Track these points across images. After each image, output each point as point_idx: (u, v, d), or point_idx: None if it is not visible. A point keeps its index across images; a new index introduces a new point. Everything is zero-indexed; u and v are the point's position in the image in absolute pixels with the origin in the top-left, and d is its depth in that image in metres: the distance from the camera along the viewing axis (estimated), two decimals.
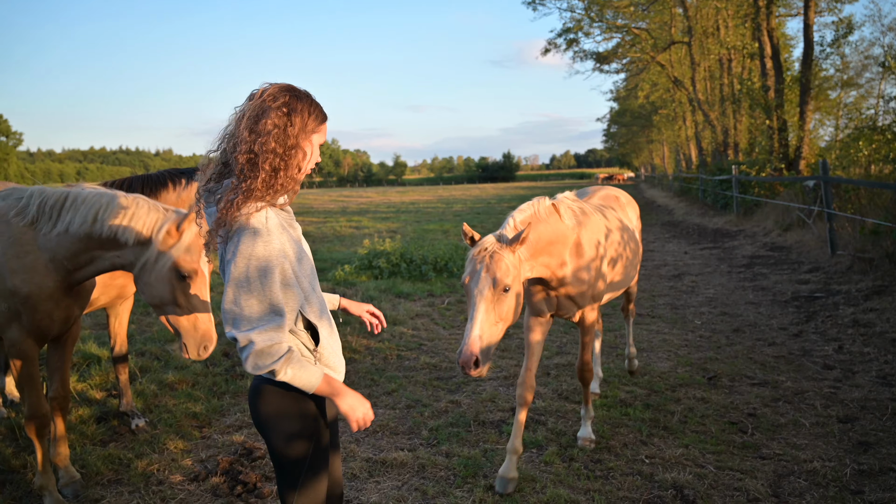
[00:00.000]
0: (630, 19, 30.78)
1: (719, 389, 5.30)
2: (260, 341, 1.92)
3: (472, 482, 3.82)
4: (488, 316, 3.03)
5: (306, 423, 2.14)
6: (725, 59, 26.76)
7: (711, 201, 23.00)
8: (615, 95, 49.09)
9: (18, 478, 3.92)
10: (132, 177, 4.56)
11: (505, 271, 3.07)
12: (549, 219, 3.53)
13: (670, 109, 39.30)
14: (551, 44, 30.68)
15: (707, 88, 30.94)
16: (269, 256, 1.97)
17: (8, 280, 3.24)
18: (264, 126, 2.01)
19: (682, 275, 10.86)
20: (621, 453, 4.18)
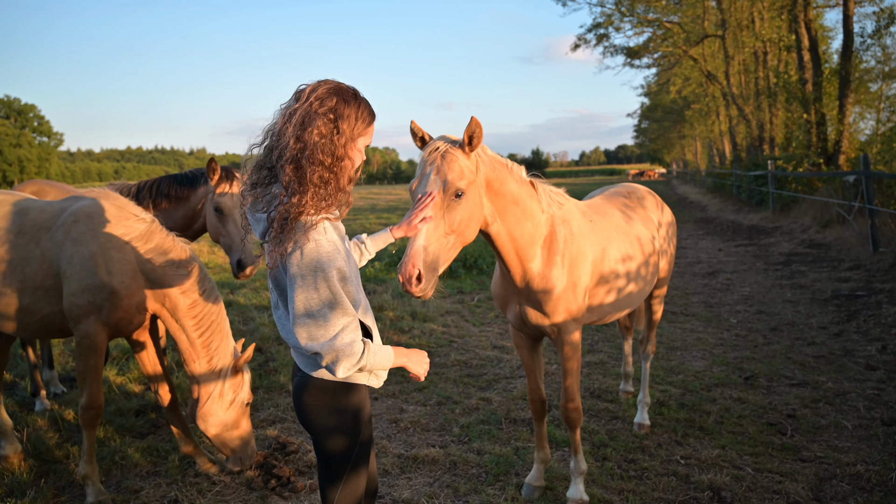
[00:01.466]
0: (661, 13, 30.22)
1: (756, 390, 5.18)
2: (343, 348, 1.95)
3: (504, 480, 3.81)
4: (436, 224, 2.56)
5: (350, 418, 2.16)
6: (761, 51, 26.10)
7: (746, 197, 22.51)
8: (646, 90, 48.32)
9: (61, 468, 4.04)
10: (162, 177, 4.67)
11: (458, 173, 2.62)
12: (520, 180, 3.07)
13: (703, 104, 38.54)
14: (581, 39, 30.34)
15: (741, 82, 30.23)
16: (333, 265, 1.95)
17: (101, 277, 3.43)
18: (311, 135, 1.96)
19: (716, 272, 10.65)
20: (655, 453, 4.12)
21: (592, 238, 3.44)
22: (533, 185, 3.20)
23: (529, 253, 3.15)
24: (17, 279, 3.53)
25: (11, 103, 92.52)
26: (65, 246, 3.50)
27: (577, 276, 3.28)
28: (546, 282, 3.19)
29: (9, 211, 3.73)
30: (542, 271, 3.19)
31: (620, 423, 4.63)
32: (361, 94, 2.10)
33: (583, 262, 3.32)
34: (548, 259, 3.20)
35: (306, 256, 1.92)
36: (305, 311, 1.93)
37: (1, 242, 3.59)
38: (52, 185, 5.27)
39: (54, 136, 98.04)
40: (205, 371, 3.66)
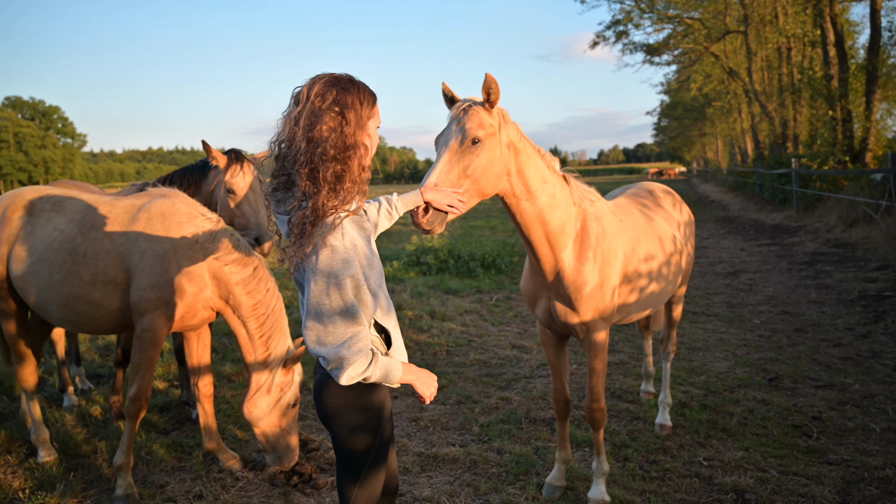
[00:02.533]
0: (682, 9, 29.86)
1: (781, 391, 5.11)
2: (349, 356, 1.94)
3: (525, 480, 3.80)
4: (450, 167, 2.64)
5: (370, 416, 2.16)
6: (784, 47, 25.69)
7: (769, 196, 22.19)
8: (666, 88, 47.78)
9: (89, 462, 4.12)
10: (174, 171, 4.76)
11: (477, 123, 2.71)
12: (550, 165, 3.11)
13: (725, 101, 38.02)
14: (600, 36, 30.10)
15: (764, 79, 29.79)
16: (347, 273, 1.95)
17: (171, 274, 3.54)
18: (320, 132, 1.95)
19: (738, 272, 10.52)
20: (678, 455, 4.08)
21: (623, 237, 3.44)
22: (566, 178, 3.24)
23: (561, 241, 3.15)
24: (89, 273, 3.61)
25: (36, 105, 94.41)
26: (138, 242, 3.59)
27: (608, 275, 3.28)
28: (577, 277, 3.19)
29: (80, 206, 3.83)
30: (574, 265, 3.19)
31: (641, 423, 4.60)
32: (357, 79, 2.09)
33: (613, 261, 3.32)
34: (580, 254, 3.20)
35: (321, 262, 1.92)
36: (316, 315, 1.93)
37: (73, 236, 3.68)
38: (77, 186, 5.38)
39: (78, 138, 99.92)
40: (259, 365, 3.72)
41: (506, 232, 16.34)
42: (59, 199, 3.90)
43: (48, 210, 3.84)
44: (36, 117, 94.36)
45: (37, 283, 3.70)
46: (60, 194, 3.96)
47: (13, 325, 4.06)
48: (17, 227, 3.83)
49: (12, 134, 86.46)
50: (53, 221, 3.78)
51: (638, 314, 3.75)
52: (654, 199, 4.23)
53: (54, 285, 3.66)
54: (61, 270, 3.64)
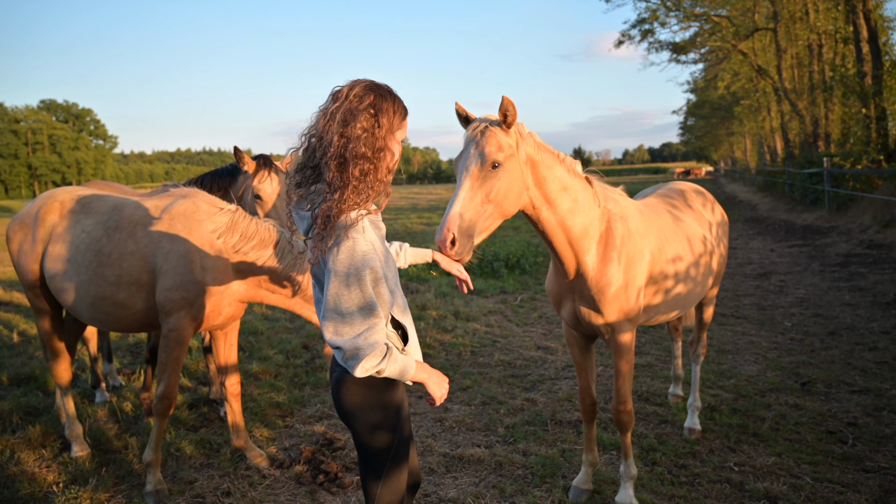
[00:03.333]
0: (709, 7, 29.38)
1: (814, 396, 4.99)
2: (365, 348, 1.96)
3: (551, 482, 3.77)
4: (472, 193, 2.65)
5: (389, 413, 2.18)
6: (815, 44, 25.13)
7: (800, 196, 21.72)
8: (693, 86, 47.05)
9: (120, 457, 4.19)
10: (204, 174, 4.82)
11: (496, 146, 2.71)
12: (571, 170, 3.08)
13: (753, 100, 37.33)
14: (625, 35, 29.74)
15: (794, 76, 29.18)
16: (367, 266, 1.99)
17: (195, 273, 3.59)
18: (353, 130, 2.02)
19: (768, 273, 10.31)
20: (707, 459, 4.01)
21: (649, 237, 3.39)
22: (588, 180, 3.19)
23: (584, 245, 3.12)
24: (114, 274, 3.68)
25: (70, 108, 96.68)
26: (162, 243, 3.64)
27: (633, 276, 3.23)
28: (601, 278, 3.16)
29: (106, 207, 3.91)
30: (598, 267, 3.16)
31: (670, 427, 4.53)
32: (395, 91, 2.18)
33: (640, 262, 3.27)
34: (604, 255, 3.16)
35: (343, 254, 1.96)
36: (335, 306, 1.97)
37: (99, 238, 3.76)
38: (110, 186, 5.48)
39: (109, 140, 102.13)
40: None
41: (530, 232, 16.26)
42: (87, 201, 3.97)
43: (77, 211, 3.92)
44: (69, 120, 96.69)
45: (67, 283, 3.77)
46: (90, 196, 4.03)
47: (48, 322, 4.15)
48: (50, 228, 3.92)
49: (47, 136, 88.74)
50: (82, 223, 3.86)
51: (666, 315, 3.70)
52: (684, 199, 4.16)
53: (82, 286, 3.73)
54: (88, 271, 3.71)
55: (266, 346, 6.73)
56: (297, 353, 6.50)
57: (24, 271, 4.00)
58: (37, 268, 3.96)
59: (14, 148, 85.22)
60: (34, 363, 6.10)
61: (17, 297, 9.54)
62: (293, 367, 6.01)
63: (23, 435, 4.47)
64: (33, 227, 3.96)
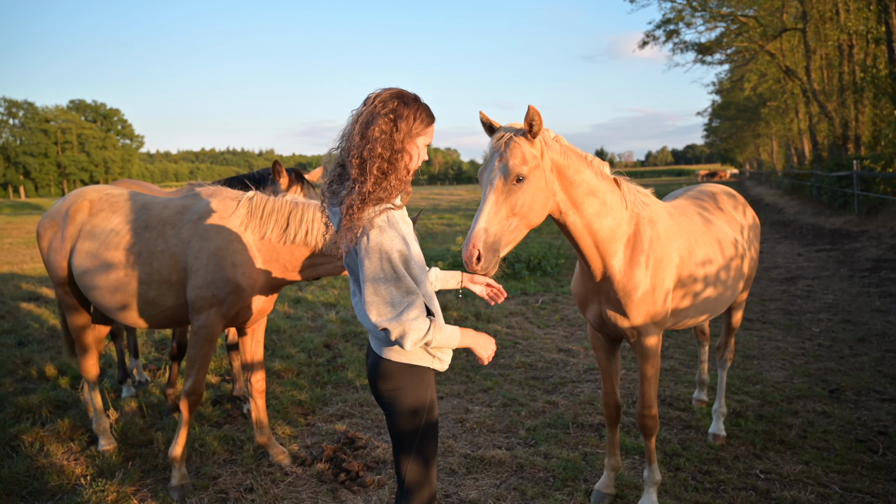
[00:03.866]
0: (736, 7, 28.94)
1: (843, 403, 4.88)
2: (409, 322, 2.13)
3: (573, 486, 3.74)
4: (497, 208, 2.65)
5: (421, 397, 2.32)
6: (845, 44, 24.61)
7: (828, 199, 21.29)
8: (718, 88, 46.42)
9: (146, 452, 4.26)
10: (232, 177, 4.86)
11: (520, 159, 2.70)
12: (599, 172, 3.04)
13: (780, 101, 36.68)
14: (649, 36, 29.45)
15: (823, 77, 28.60)
16: (395, 249, 2.14)
17: (226, 271, 3.63)
18: (372, 132, 2.19)
19: (795, 278, 10.12)
20: (732, 466, 3.95)
21: (679, 240, 3.36)
22: (616, 182, 3.15)
23: (611, 248, 3.10)
24: (144, 272, 3.75)
25: (98, 108, 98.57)
26: (192, 242, 3.69)
27: (661, 279, 3.20)
28: (627, 282, 3.13)
29: (134, 206, 3.98)
30: (625, 270, 3.13)
31: (694, 432, 4.47)
32: (422, 100, 2.32)
33: (668, 265, 3.24)
34: (631, 258, 3.14)
35: (372, 240, 2.13)
36: (374, 290, 2.13)
37: (128, 237, 3.83)
38: (138, 184, 5.58)
39: (136, 139, 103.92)
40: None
41: (551, 234, 16.17)
42: (115, 199, 4.05)
43: (106, 210, 3.99)
44: (98, 119, 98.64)
45: (95, 280, 3.84)
46: (118, 194, 4.10)
47: (77, 318, 4.24)
48: (79, 226, 3.99)
49: (76, 135, 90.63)
50: (110, 221, 3.92)
51: (694, 319, 3.65)
52: (714, 202, 4.12)
53: (111, 283, 3.79)
54: (117, 269, 3.78)
55: (288, 344, 6.79)
56: (318, 351, 6.54)
57: (54, 268, 4.09)
58: (66, 264, 4.05)
59: (44, 147, 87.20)
60: (63, 358, 6.23)
61: (46, 293, 9.75)
62: (315, 366, 6.05)
63: (52, 428, 4.56)
64: (63, 225, 4.04)
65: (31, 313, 8.42)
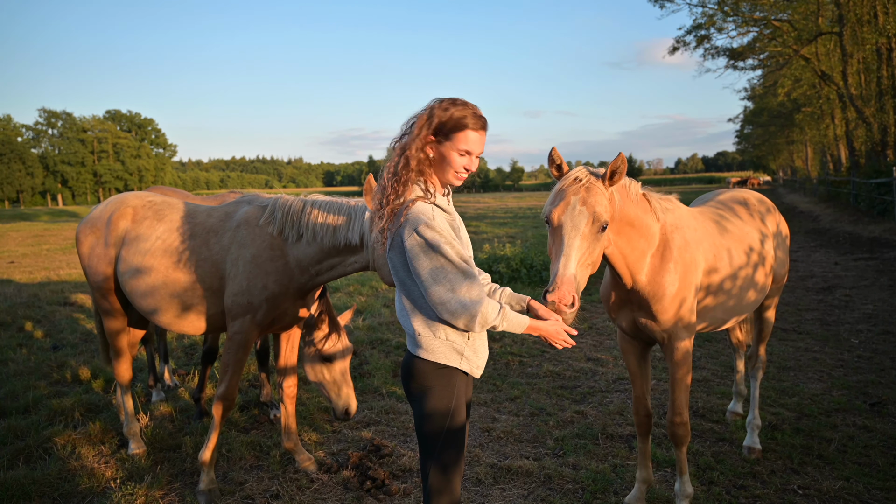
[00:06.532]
0: (770, 11, 28.41)
1: (885, 418, 4.70)
2: (475, 305, 2.16)
3: (602, 498, 3.66)
4: (582, 254, 2.58)
5: (450, 398, 2.33)
6: (884, 48, 23.95)
7: (866, 207, 20.71)
8: (750, 94, 45.62)
9: (174, 456, 4.29)
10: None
11: (604, 207, 2.66)
12: (637, 200, 3.05)
13: (815, 107, 35.86)
14: (680, 42, 29.13)
15: (861, 82, 27.87)
16: (443, 240, 2.18)
17: (260, 279, 3.65)
18: (409, 131, 2.33)
19: (832, 287, 9.83)
20: (768, 481, 3.82)
21: (705, 244, 3.38)
22: (647, 197, 3.17)
23: (640, 265, 3.13)
24: (189, 280, 3.81)
25: (133, 118, 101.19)
26: (231, 249, 3.73)
27: (689, 283, 3.23)
28: (657, 289, 3.15)
29: (181, 215, 4.03)
30: (654, 278, 3.15)
31: (728, 445, 4.34)
32: (462, 102, 2.33)
33: (695, 269, 3.26)
34: (660, 266, 3.15)
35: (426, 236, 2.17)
36: (434, 281, 2.16)
37: (176, 245, 3.88)
38: (174, 192, 5.65)
39: (169, 148, 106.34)
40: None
41: None
42: (159, 208, 4.11)
43: (150, 217, 4.05)
44: (132, 129, 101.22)
45: (142, 286, 3.90)
46: (161, 202, 4.17)
47: (115, 322, 4.30)
48: (122, 233, 4.06)
49: (111, 145, 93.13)
50: (155, 229, 3.98)
51: (723, 323, 3.67)
52: (744, 206, 4.12)
53: (156, 289, 3.85)
54: (162, 276, 3.84)
55: None
56: None
57: (94, 272, 4.16)
58: (109, 270, 4.11)
59: (81, 156, 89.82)
60: (96, 361, 6.35)
61: (81, 298, 9.98)
62: None
63: (83, 431, 4.64)
64: (105, 231, 4.11)
65: (67, 318, 8.62)
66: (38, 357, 6.57)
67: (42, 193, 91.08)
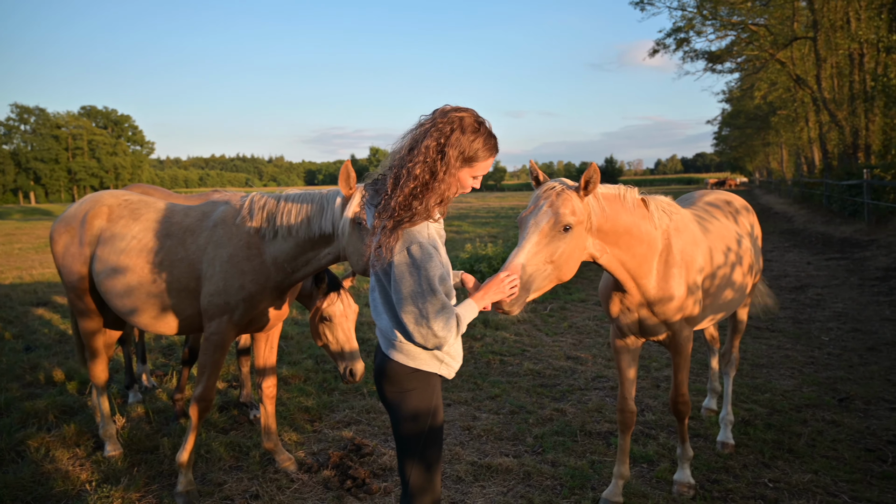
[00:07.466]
0: (747, 15, 28.87)
1: (852, 413, 4.83)
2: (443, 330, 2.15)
3: (580, 494, 3.72)
4: (538, 249, 2.69)
5: (427, 400, 2.33)
6: (856, 53, 24.48)
7: (838, 208, 21.16)
8: (728, 96, 46.36)
9: (152, 458, 4.26)
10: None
11: (570, 210, 2.76)
12: (633, 209, 3.12)
13: (790, 110, 36.53)
14: (660, 44, 29.46)
15: (834, 86, 28.45)
16: (435, 268, 2.16)
17: (237, 278, 3.61)
18: (418, 152, 2.19)
19: (804, 287, 10.05)
20: (741, 475, 3.91)
21: (703, 245, 3.52)
22: (645, 202, 3.24)
23: (643, 270, 3.21)
24: (165, 280, 3.76)
25: (109, 114, 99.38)
26: (207, 249, 3.70)
27: (693, 282, 3.37)
28: (663, 294, 3.29)
29: (157, 214, 3.98)
30: (659, 284, 3.26)
31: (702, 441, 4.43)
32: (485, 129, 2.25)
33: (696, 269, 3.40)
34: (665, 273, 3.27)
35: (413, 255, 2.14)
36: (410, 298, 2.14)
37: (151, 244, 3.84)
38: (154, 189, 5.58)
39: (146, 145, 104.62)
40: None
41: None
42: (136, 206, 4.05)
43: (126, 217, 4.00)
44: (109, 126, 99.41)
45: (117, 286, 3.85)
46: (137, 201, 4.12)
47: (91, 323, 4.25)
48: (97, 232, 4.00)
49: (87, 141, 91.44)
50: (131, 228, 3.93)
51: (713, 317, 3.84)
52: (728, 207, 4.30)
53: (131, 290, 3.81)
54: (137, 276, 3.79)
55: (296, 350, 6.80)
56: (326, 358, 6.54)
57: (69, 272, 4.11)
58: (84, 270, 4.06)
59: (55, 153, 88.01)
60: (70, 363, 6.26)
61: (55, 298, 9.82)
62: (322, 372, 6.05)
63: (58, 433, 4.58)
64: (80, 230, 4.06)
65: (40, 318, 8.48)
66: (10, 359, 6.46)
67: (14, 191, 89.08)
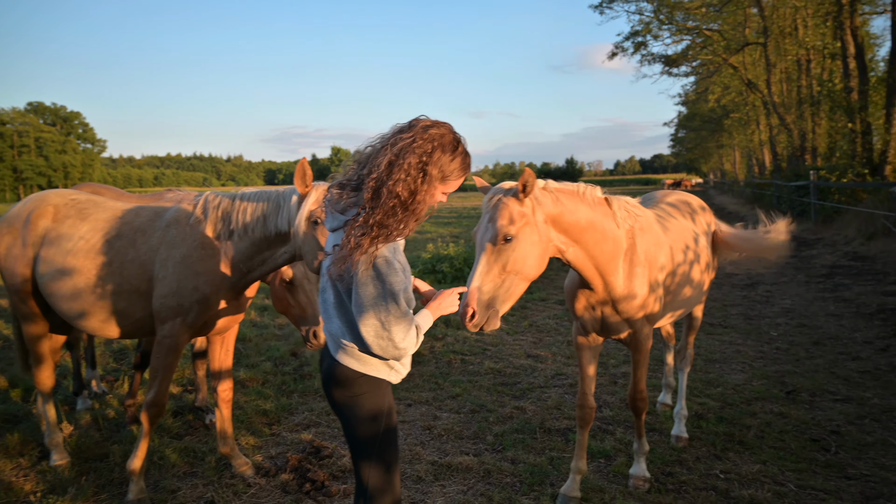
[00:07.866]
0: (701, 21, 29.74)
1: (798, 404, 5.02)
2: (406, 347, 2.19)
3: (539, 490, 3.76)
4: (488, 268, 2.81)
5: (377, 401, 2.32)
6: (804, 59, 25.48)
7: (787, 208, 21.88)
8: (684, 99, 47.60)
9: (101, 466, 4.13)
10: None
11: (508, 220, 2.84)
12: (594, 204, 3.19)
13: (743, 113, 37.76)
14: (618, 48, 30.05)
15: (783, 91, 29.53)
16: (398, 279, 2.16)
17: (190, 280, 3.50)
18: (399, 168, 2.12)
19: (755, 284, 10.39)
20: (694, 467, 4.02)
21: (666, 246, 3.61)
22: (608, 202, 3.30)
23: (610, 268, 3.27)
24: (114, 282, 3.63)
25: (58, 111, 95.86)
26: (160, 250, 3.58)
27: (655, 280, 3.46)
28: (628, 292, 3.36)
29: (106, 214, 3.84)
30: (624, 283, 3.33)
31: (658, 435, 4.54)
32: (463, 146, 2.26)
33: (658, 267, 3.48)
34: (629, 272, 3.34)
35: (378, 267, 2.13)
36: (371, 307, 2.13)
37: (100, 245, 3.69)
38: (106, 188, 5.37)
39: (98, 143, 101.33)
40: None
41: None
42: (83, 206, 3.90)
43: (73, 216, 3.85)
44: (57, 123, 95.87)
45: (63, 289, 3.71)
46: (85, 200, 3.97)
47: (35, 327, 4.09)
48: (42, 232, 3.84)
49: (33, 139, 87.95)
50: (78, 228, 3.78)
51: (672, 315, 3.94)
52: (691, 208, 4.39)
53: (79, 292, 3.67)
54: (85, 278, 3.65)
55: (254, 353, 6.69)
56: (285, 360, 6.46)
57: (12, 275, 3.94)
58: (27, 272, 3.90)
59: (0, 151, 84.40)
60: (13, 369, 6.02)
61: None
62: (281, 375, 5.97)
63: (0, 443, 4.40)
64: (23, 231, 3.89)
65: None
66: None
67: None
